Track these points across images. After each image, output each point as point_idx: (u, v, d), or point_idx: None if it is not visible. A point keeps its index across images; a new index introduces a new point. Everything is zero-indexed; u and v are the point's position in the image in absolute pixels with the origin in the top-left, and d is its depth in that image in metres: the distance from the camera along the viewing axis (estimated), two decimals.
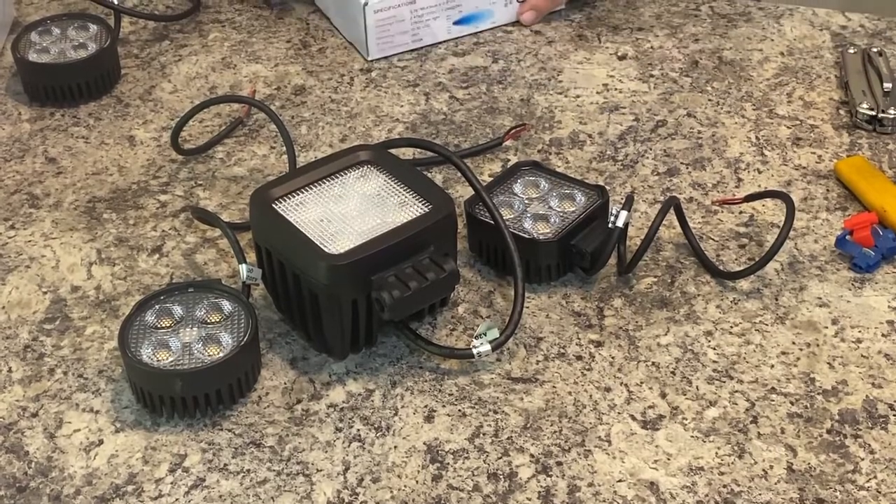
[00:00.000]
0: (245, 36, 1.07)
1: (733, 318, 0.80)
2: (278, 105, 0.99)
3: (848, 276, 0.82)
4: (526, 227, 0.82)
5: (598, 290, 0.82)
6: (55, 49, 1.00)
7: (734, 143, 0.94)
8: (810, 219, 0.87)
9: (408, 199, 0.77)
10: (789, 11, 1.08)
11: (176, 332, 0.75)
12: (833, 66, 1.01)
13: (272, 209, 0.77)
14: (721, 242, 0.85)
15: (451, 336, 0.79)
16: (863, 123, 0.94)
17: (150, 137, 0.96)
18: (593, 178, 0.91)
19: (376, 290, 0.73)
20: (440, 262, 0.74)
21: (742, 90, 0.99)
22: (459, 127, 0.96)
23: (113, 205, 0.90)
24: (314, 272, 0.73)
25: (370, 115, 0.98)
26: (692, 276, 0.83)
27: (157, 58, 1.05)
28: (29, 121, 0.98)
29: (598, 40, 1.05)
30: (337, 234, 0.75)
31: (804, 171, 0.91)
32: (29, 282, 0.84)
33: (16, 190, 0.92)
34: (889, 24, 1.05)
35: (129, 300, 0.82)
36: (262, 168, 0.93)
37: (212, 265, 0.85)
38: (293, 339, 0.79)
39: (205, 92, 1.01)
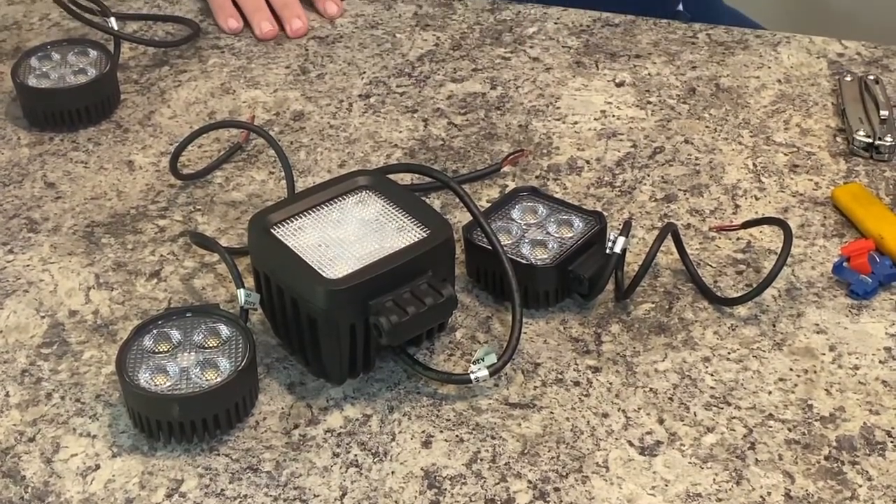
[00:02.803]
0: (244, 62, 1.08)
1: (731, 344, 0.80)
2: (277, 130, 0.99)
3: (845, 303, 0.82)
4: (524, 252, 0.82)
5: (596, 316, 0.82)
6: (55, 74, 1.01)
7: (732, 170, 0.94)
8: (807, 245, 0.87)
9: (406, 224, 0.78)
10: (786, 39, 1.08)
11: (174, 357, 0.75)
12: (830, 94, 1.02)
13: (271, 234, 0.77)
14: (719, 269, 0.85)
15: (448, 361, 0.79)
16: (860, 151, 0.94)
17: (149, 162, 0.96)
18: (591, 204, 0.91)
19: (374, 315, 0.73)
20: (438, 288, 0.74)
21: (739, 117, 0.99)
22: (458, 153, 0.97)
23: (111, 229, 0.90)
24: (312, 297, 0.73)
25: (368, 141, 0.98)
26: (690, 303, 0.83)
27: (157, 83, 1.05)
28: (28, 145, 0.99)
29: (596, 67, 1.06)
30: (335, 259, 0.75)
31: (801, 198, 0.91)
32: (27, 306, 0.84)
33: (14, 214, 0.92)
34: (886, 52, 1.06)
35: (126, 325, 0.82)
36: (260, 193, 0.93)
37: (210, 290, 0.85)
38: (291, 363, 0.79)
39: (204, 117, 1.01)
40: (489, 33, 1.11)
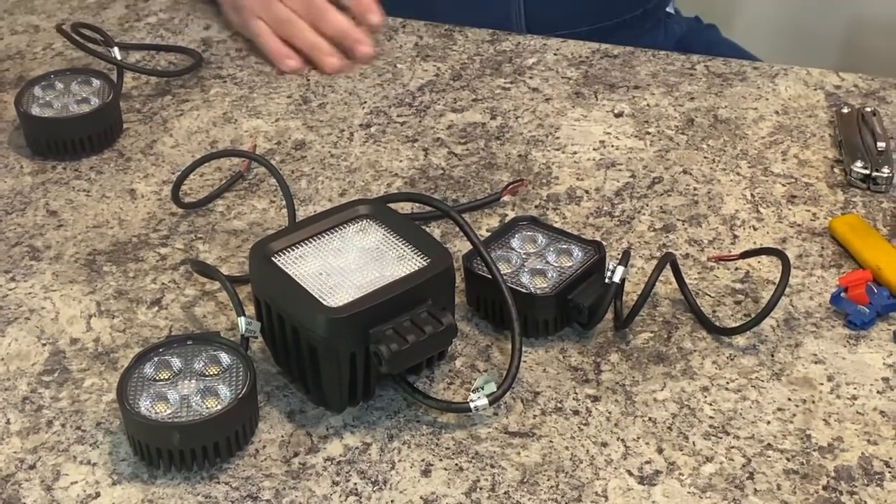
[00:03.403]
0: (246, 91, 1.08)
1: (729, 373, 0.80)
2: (278, 159, 1.00)
3: (843, 333, 0.83)
4: (523, 281, 0.82)
5: (595, 345, 0.82)
6: (58, 103, 1.01)
7: (730, 201, 0.94)
8: (805, 276, 0.87)
9: (406, 253, 0.78)
10: (784, 71, 1.09)
11: (174, 385, 0.75)
12: (827, 125, 1.02)
13: (272, 262, 0.77)
14: (717, 298, 0.86)
15: (448, 390, 0.79)
16: (857, 182, 0.95)
17: (151, 191, 0.97)
18: (590, 233, 0.91)
19: (374, 344, 0.73)
20: (438, 316, 0.74)
21: (737, 148, 1.00)
22: (458, 182, 0.97)
23: (113, 257, 0.91)
24: (313, 325, 0.74)
25: (369, 170, 0.99)
26: (688, 332, 0.83)
27: (159, 112, 1.06)
28: (31, 174, 0.99)
29: (595, 98, 1.07)
30: (336, 287, 0.75)
31: (799, 229, 0.92)
32: (28, 334, 0.84)
33: (17, 242, 0.92)
34: (882, 85, 1.07)
35: (127, 353, 0.82)
36: (261, 222, 0.94)
37: (211, 318, 0.85)
38: (291, 392, 0.79)
39: (206, 146, 1.02)
40: (489, 64, 1.12)
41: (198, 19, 1.19)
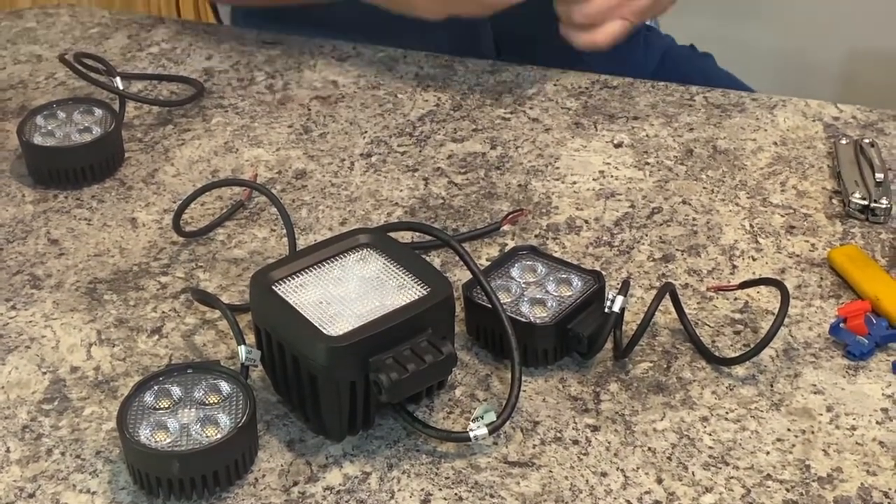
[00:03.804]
0: (247, 121, 1.09)
1: (729, 403, 0.80)
2: (279, 188, 1.00)
3: (842, 364, 0.83)
4: (523, 310, 0.82)
5: (595, 375, 0.82)
6: (60, 132, 1.02)
7: (729, 231, 0.95)
8: (804, 306, 0.88)
9: (406, 282, 0.78)
10: (782, 102, 1.10)
11: (174, 413, 0.75)
12: (826, 157, 1.03)
13: (272, 291, 0.77)
14: (716, 328, 0.86)
15: (448, 419, 0.79)
16: (855, 213, 0.95)
17: (152, 220, 0.97)
18: (590, 263, 0.92)
19: (374, 373, 0.73)
20: (438, 345, 0.74)
21: (736, 179, 1.00)
22: (458, 211, 0.98)
23: (114, 286, 0.91)
24: (313, 354, 0.74)
25: (370, 199, 0.99)
26: (688, 362, 0.83)
27: (161, 142, 1.06)
28: (32, 202, 1.00)
29: (595, 128, 1.07)
30: (336, 316, 0.76)
31: (798, 259, 0.92)
32: (29, 362, 0.84)
33: (18, 271, 0.93)
34: (881, 116, 1.07)
35: (128, 381, 0.82)
36: (262, 250, 0.94)
37: (211, 346, 0.85)
38: (291, 420, 0.79)
39: (207, 175, 1.02)
40: (489, 94, 1.12)
41: (199, 49, 1.19)
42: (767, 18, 1.19)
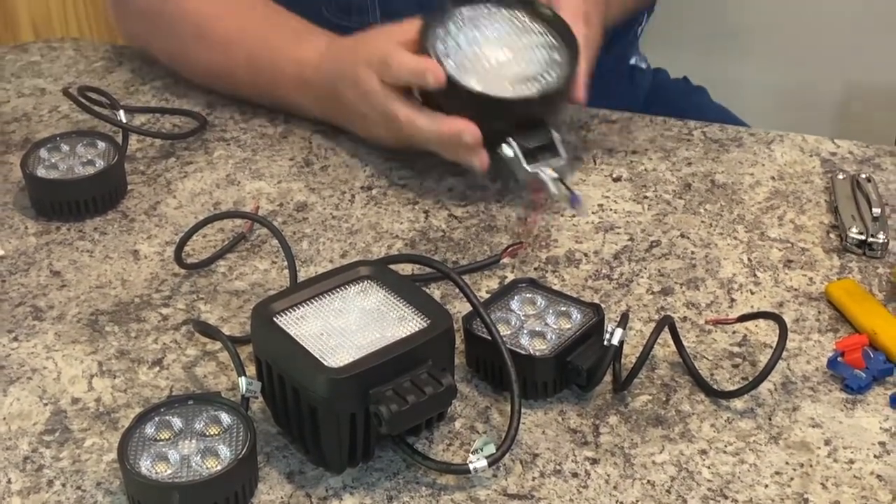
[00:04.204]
0: (249, 154, 1.10)
1: (727, 437, 0.80)
2: (280, 221, 1.01)
3: (840, 397, 0.83)
4: (523, 343, 0.83)
5: (594, 408, 0.83)
6: (63, 165, 1.03)
7: (727, 264, 0.95)
8: (802, 340, 0.88)
9: (407, 313, 0.79)
10: (780, 137, 1.11)
11: (175, 445, 0.76)
12: (823, 191, 1.03)
13: (273, 323, 0.78)
14: (715, 362, 0.86)
15: (447, 451, 0.80)
16: (853, 247, 0.96)
17: (154, 252, 0.98)
18: (589, 296, 0.92)
19: (374, 404, 0.74)
20: (438, 377, 0.75)
21: (734, 213, 1.01)
22: (458, 244, 0.98)
23: (115, 318, 0.91)
24: (313, 385, 0.74)
25: (370, 232, 1.00)
26: (687, 395, 0.84)
27: (163, 174, 1.07)
28: (35, 234, 1.00)
29: (594, 162, 1.08)
30: (336, 347, 0.76)
31: (796, 293, 0.92)
32: (30, 393, 0.85)
33: (20, 302, 0.93)
34: (877, 152, 1.08)
35: (128, 412, 0.83)
36: (263, 282, 0.94)
37: (211, 378, 0.86)
38: (291, 452, 0.80)
39: (209, 208, 1.03)
40: None
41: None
42: (763, 54, 1.20)
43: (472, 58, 0.99)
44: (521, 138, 0.97)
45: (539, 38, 1.01)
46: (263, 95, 1.12)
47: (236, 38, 1.10)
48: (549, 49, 1.00)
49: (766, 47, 1.14)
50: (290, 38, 1.09)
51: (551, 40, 1.00)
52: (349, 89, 1.03)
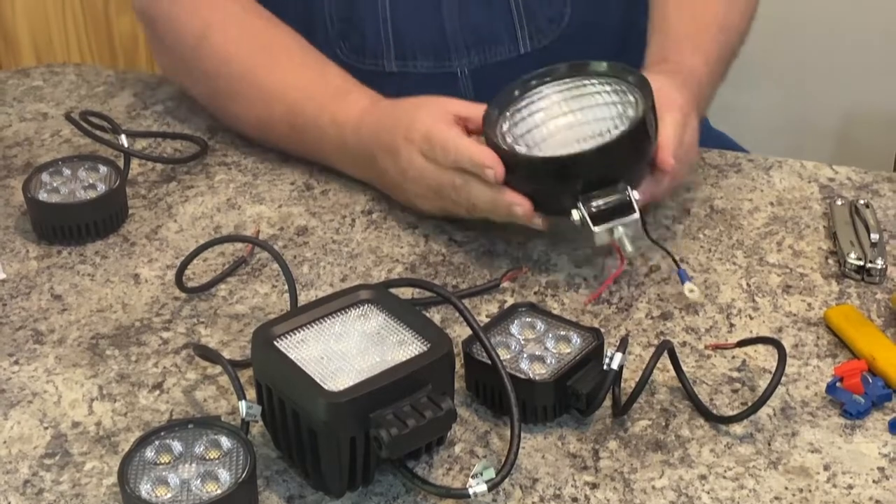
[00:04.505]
0: (250, 178, 1.10)
1: (727, 462, 0.80)
2: (281, 245, 1.01)
3: (839, 423, 0.83)
4: (522, 367, 0.83)
5: (594, 432, 0.83)
6: (65, 189, 1.03)
7: (726, 290, 0.96)
8: (801, 365, 0.88)
9: (407, 337, 0.79)
10: (778, 163, 1.11)
11: (175, 469, 0.76)
12: (821, 217, 1.04)
13: (274, 346, 0.78)
14: (714, 387, 0.87)
15: (447, 475, 0.80)
16: (851, 273, 0.96)
17: (155, 276, 0.98)
18: (588, 320, 0.92)
19: (374, 428, 0.74)
20: (438, 401, 0.75)
21: (733, 238, 1.01)
22: (458, 268, 0.98)
23: (116, 341, 0.91)
24: (313, 409, 0.74)
25: (371, 256, 1.00)
26: (686, 420, 0.84)
27: (164, 198, 1.08)
28: (36, 258, 1.01)
29: None
30: (337, 371, 0.76)
31: (795, 318, 0.93)
32: (31, 417, 0.85)
33: (21, 326, 0.93)
34: (875, 178, 1.08)
35: (129, 436, 0.83)
36: (263, 306, 0.95)
37: (212, 402, 0.86)
38: (290, 476, 0.80)
39: (210, 232, 1.03)
40: None
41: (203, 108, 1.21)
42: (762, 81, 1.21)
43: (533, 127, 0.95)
44: (592, 198, 0.90)
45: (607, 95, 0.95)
46: (304, 152, 1.09)
47: (277, 94, 1.07)
48: (621, 104, 0.94)
49: (765, 74, 1.15)
50: (330, 96, 1.05)
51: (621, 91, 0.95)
52: (388, 159, 1.00)
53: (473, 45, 1.18)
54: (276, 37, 1.11)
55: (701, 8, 1.11)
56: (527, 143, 0.95)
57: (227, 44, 1.09)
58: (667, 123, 0.95)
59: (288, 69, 1.08)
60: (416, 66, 1.19)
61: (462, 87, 1.20)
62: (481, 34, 1.18)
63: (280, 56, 1.09)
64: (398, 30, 1.17)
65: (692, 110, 1.00)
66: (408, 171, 0.98)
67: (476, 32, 1.18)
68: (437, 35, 1.18)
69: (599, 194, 0.91)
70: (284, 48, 1.10)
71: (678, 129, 0.96)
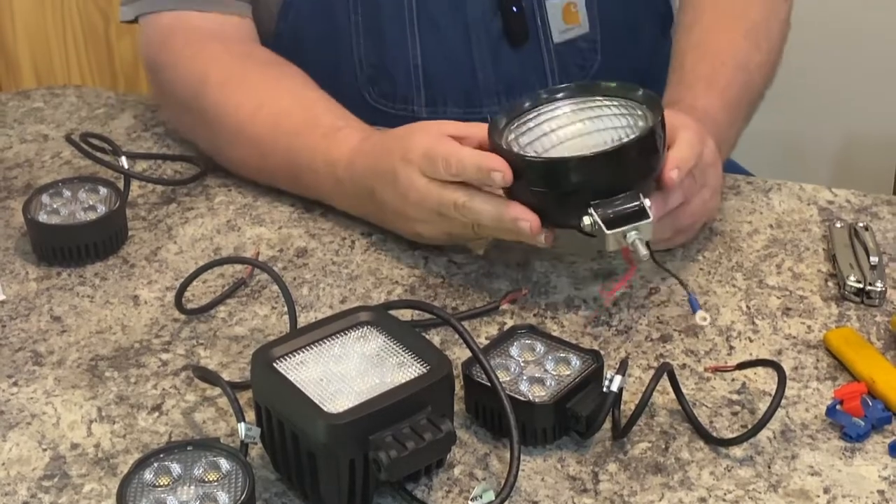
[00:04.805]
0: (250, 200, 1.10)
1: (727, 485, 0.80)
2: (281, 266, 1.01)
3: (839, 446, 0.83)
4: (522, 389, 0.83)
5: (593, 455, 0.83)
6: (65, 210, 1.03)
7: (726, 312, 0.96)
8: (801, 388, 0.88)
9: (406, 359, 0.79)
10: (777, 186, 1.11)
11: (174, 491, 0.76)
12: (821, 240, 1.04)
13: (273, 368, 0.78)
14: (714, 409, 0.86)
15: (446, 498, 0.79)
16: (851, 296, 0.96)
17: (154, 297, 0.98)
18: (588, 342, 0.92)
19: (374, 450, 0.74)
20: (437, 423, 0.75)
21: (732, 260, 1.02)
22: (457, 290, 0.98)
23: (115, 363, 0.91)
24: (313, 431, 0.74)
25: (370, 278, 1.00)
26: (686, 442, 0.83)
27: (164, 220, 1.08)
28: (36, 280, 1.01)
29: None
30: (336, 393, 0.76)
31: (794, 341, 0.93)
32: (29, 438, 0.85)
33: (20, 347, 0.93)
34: (874, 201, 1.09)
35: (127, 458, 0.82)
36: (263, 328, 0.95)
37: (211, 424, 0.86)
38: (290, 498, 0.80)
39: (209, 253, 1.03)
40: None
41: None
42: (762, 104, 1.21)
43: (542, 135, 0.94)
44: (604, 205, 0.88)
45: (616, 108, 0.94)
46: (305, 194, 1.08)
47: (270, 144, 1.06)
48: (631, 116, 0.93)
49: (765, 97, 1.15)
50: (321, 137, 1.04)
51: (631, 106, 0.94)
52: (387, 188, 0.98)
53: (504, 91, 1.20)
54: (270, 85, 1.10)
55: (718, 47, 1.10)
56: (535, 150, 0.93)
57: (222, 96, 1.09)
58: (678, 140, 0.94)
59: (282, 114, 1.07)
60: (447, 112, 1.20)
61: None
62: (512, 81, 1.20)
63: (277, 98, 1.09)
64: (429, 76, 1.18)
65: (708, 135, 0.98)
66: (408, 194, 0.97)
67: (507, 79, 1.20)
68: (468, 82, 1.19)
69: (611, 201, 0.89)
70: (277, 96, 1.09)
71: (688, 147, 0.94)
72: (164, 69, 1.14)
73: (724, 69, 1.08)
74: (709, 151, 0.98)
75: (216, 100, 1.09)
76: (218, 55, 1.12)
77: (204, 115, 1.10)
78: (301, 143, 1.05)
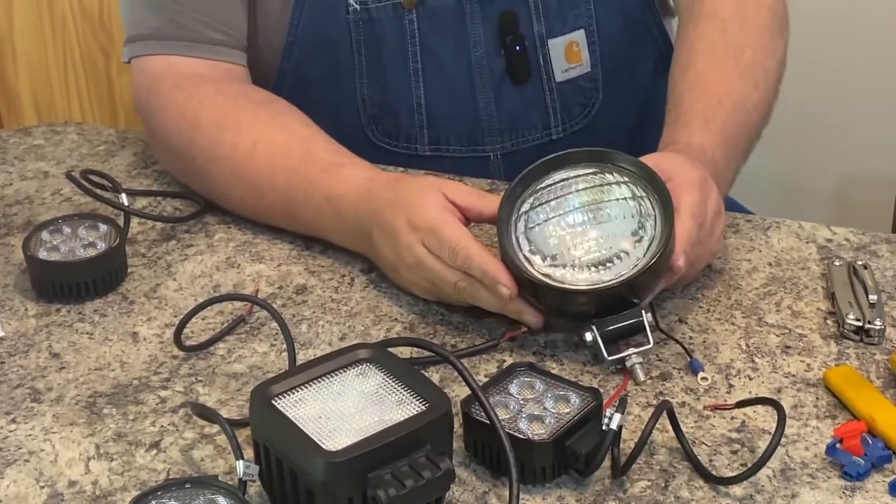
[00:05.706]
0: (250, 237, 1.10)
1: None
2: (280, 303, 1.01)
3: (839, 484, 0.83)
4: (521, 427, 0.83)
5: (593, 493, 0.82)
6: (65, 247, 1.03)
7: (725, 350, 0.96)
8: (801, 426, 0.88)
9: (405, 397, 0.79)
10: (776, 224, 1.11)
11: None
12: (820, 278, 1.04)
13: (272, 405, 0.78)
14: (714, 447, 0.86)
15: None
16: (850, 334, 0.96)
17: (153, 334, 0.98)
18: (587, 380, 0.92)
19: (372, 488, 0.73)
20: (436, 461, 0.75)
21: (732, 298, 1.02)
22: (457, 327, 0.98)
23: (113, 400, 0.91)
24: (311, 469, 0.74)
25: (369, 315, 1.00)
26: (686, 481, 0.83)
27: (164, 257, 1.08)
28: (35, 316, 1.01)
29: None
30: (335, 430, 0.76)
31: (794, 379, 0.93)
32: (27, 476, 0.84)
33: (19, 384, 0.93)
34: (873, 239, 1.09)
35: (125, 496, 0.82)
36: (262, 365, 0.95)
37: (209, 461, 0.85)
38: None
39: (209, 290, 1.03)
40: None
41: None
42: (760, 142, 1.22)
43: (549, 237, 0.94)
44: (607, 321, 0.91)
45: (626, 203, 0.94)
46: (303, 231, 1.08)
47: (268, 178, 1.06)
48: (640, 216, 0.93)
49: (764, 136, 1.16)
50: (320, 172, 1.04)
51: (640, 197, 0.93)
52: (386, 241, 0.98)
53: (507, 130, 1.21)
54: (265, 123, 1.09)
55: (715, 86, 1.10)
56: (541, 252, 0.93)
57: (216, 138, 1.09)
58: (682, 213, 0.93)
59: (277, 156, 1.07)
60: (449, 150, 1.21)
61: (493, 169, 1.22)
62: (515, 120, 1.21)
63: (269, 142, 1.07)
64: (432, 116, 1.19)
65: (708, 182, 0.98)
66: (405, 258, 0.97)
67: (510, 119, 1.21)
68: (471, 121, 1.20)
69: (614, 319, 0.92)
70: (273, 133, 1.08)
71: (692, 219, 0.94)
72: (154, 113, 1.14)
73: (721, 108, 1.09)
74: (713, 203, 0.98)
75: (209, 143, 1.09)
76: (209, 97, 1.11)
77: (195, 162, 1.10)
78: (299, 180, 1.05)
